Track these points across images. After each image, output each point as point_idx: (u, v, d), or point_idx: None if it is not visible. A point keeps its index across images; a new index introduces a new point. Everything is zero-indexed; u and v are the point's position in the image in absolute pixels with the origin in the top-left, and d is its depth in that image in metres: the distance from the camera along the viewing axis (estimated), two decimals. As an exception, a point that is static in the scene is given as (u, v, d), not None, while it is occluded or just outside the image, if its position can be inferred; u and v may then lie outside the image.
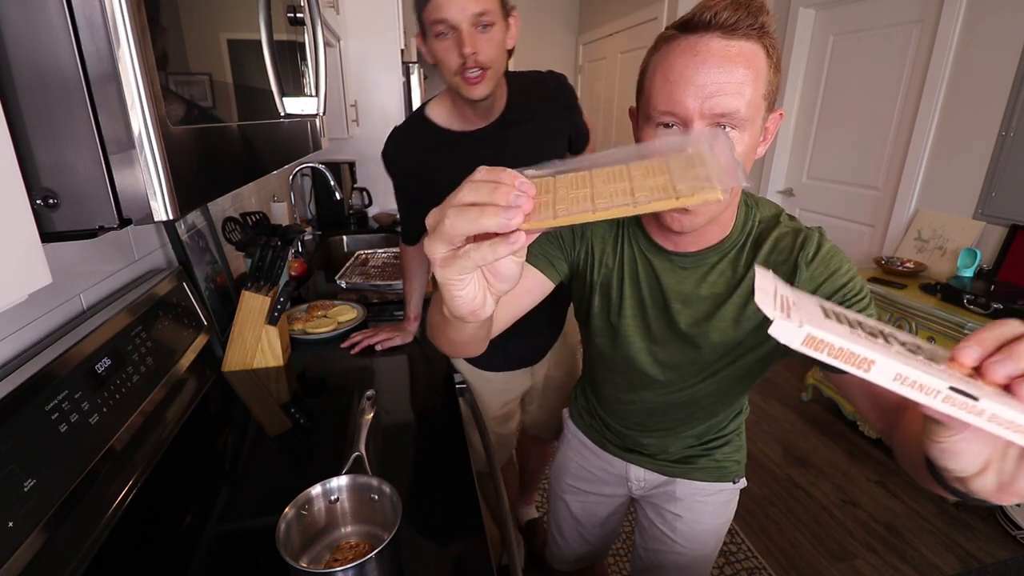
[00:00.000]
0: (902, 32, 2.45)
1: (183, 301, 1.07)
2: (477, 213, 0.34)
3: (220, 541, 0.73)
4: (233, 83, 0.55)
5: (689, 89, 0.57)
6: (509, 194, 0.34)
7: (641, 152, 0.38)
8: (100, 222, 0.38)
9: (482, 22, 0.94)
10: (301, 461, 0.91)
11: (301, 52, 0.80)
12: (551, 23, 4.76)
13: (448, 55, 0.97)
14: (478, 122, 1.11)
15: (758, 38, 0.57)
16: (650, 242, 0.75)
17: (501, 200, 0.34)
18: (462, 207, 0.34)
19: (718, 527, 0.98)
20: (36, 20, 0.33)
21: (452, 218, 0.35)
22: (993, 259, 2.10)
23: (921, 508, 1.97)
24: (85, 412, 0.71)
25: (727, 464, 0.93)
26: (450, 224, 0.35)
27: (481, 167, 0.36)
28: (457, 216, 0.34)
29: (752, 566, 1.72)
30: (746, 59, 0.56)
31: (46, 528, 0.60)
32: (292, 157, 0.75)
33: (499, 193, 0.34)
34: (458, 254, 0.36)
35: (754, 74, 0.57)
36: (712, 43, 0.56)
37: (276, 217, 2.08)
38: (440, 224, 0.35)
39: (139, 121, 0.36)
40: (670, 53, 0.59)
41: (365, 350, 1.28)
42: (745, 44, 0.56)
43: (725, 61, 0.56)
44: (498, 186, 0.34)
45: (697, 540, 0.97)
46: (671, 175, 0.35)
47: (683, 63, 0.57)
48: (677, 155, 0.37)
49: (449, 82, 1.03)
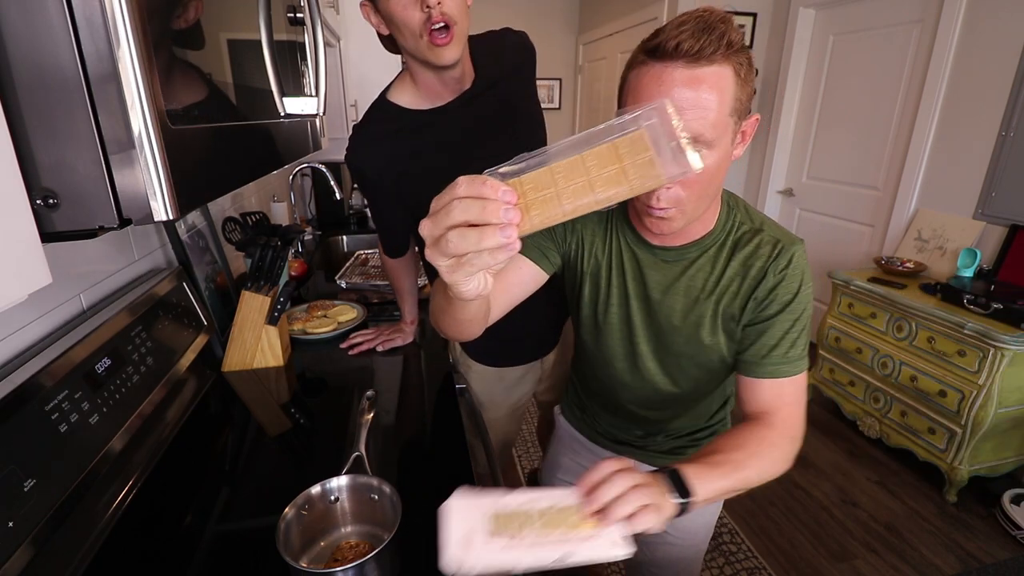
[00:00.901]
0: (902, 32, 2.45)
1: (183, 301, 1.07)
2: (478, 236, 0.39)
3: (220, 541, 0.73)
4: (233, 83, 0.55)
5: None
6: (499, 210, 0.38)
7: (591, 137, 0.40)
8: (100, 222, 0.38)
9: None
10: (301, 461, 0.91)
11: (301, 52, 0.80)
12: (551, 23, 4.76)
13: (408, 12, 0.86)
14: (447, 95, 1.01)
15: (724, 59, 0.58)
16: (636, 235, 0.78)
17: (493, 218, 0.38)
18: (462, 230, 0.39)
19: (708, 517, 1.00)
20: (36, 20, 0.33)
21: (456, 240, 0.39)
22: (993, 259, 2.10)
23: (921, 508, 1.97)
24: (85, 412, 0.71)
25: None
26: (454, 245, 0.40)
27: (461, 179, 0.40)
28: (460, 239, 0.39)
29: (752, 566, 1.72)
30: (710, 84, 0.58)
31: (46, 528, 0.60)
32: (292, 157, 0.74)
33: (490, 211, 0.38)
34: (462, 262, 0.41)
35: (719, 96, 0.58)
36: (676, 73, 0.58)
37: (276, 217, 2.08)
38: (443, 242, 0.40)
39: (139, 121, 0.36)
40: (640, 78, 0.61)
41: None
42: (710, 69, 0.58)
43: (691, 85, 0.58)
44: (486, 202, 0.38)
45: (688, 531, 0.99)
46: (621, 163, 0.37)
47: (651, 91, 0.59)
48: (625, 138, 0.38)
49: (412, 49, 0.92)
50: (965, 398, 1.85)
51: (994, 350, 1.76)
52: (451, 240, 0.39)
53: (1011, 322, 1.77)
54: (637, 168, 0.37)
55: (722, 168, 0.65)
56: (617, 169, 0.37)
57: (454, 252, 0.40)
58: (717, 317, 0.76)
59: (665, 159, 0.37)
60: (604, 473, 0.53)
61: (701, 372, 0.82)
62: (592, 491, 0.53)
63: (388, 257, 1.25)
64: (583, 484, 0.54)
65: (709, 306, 0.76)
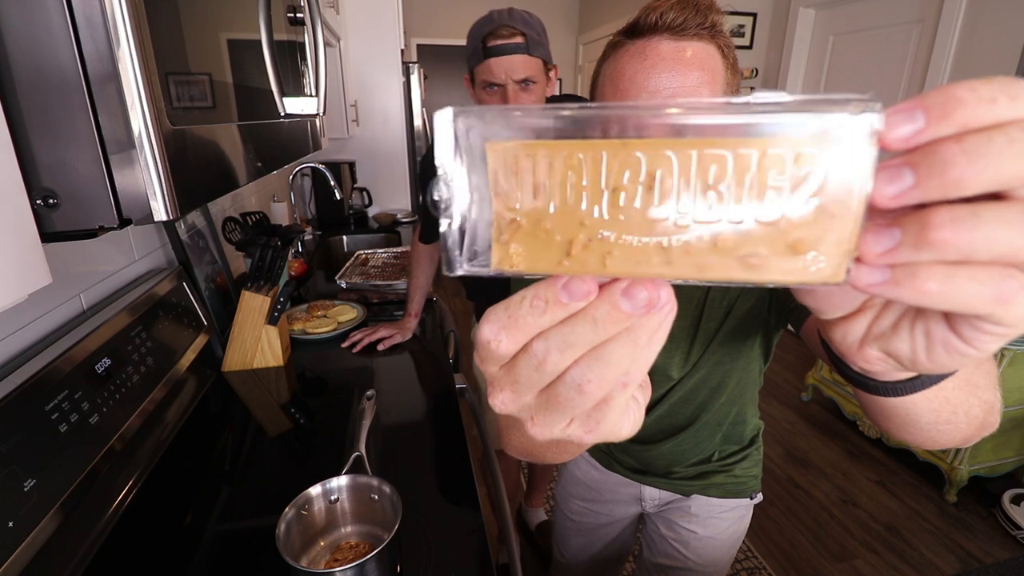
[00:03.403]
0: (902, 32, 2.45)
1: (183, 301, 1.07)
2: (613, 362, 0.19)
3: (220, 541, 0.73)
4: (233, 83, 0.55)
5: (640, 96, 0.53)
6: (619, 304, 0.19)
7: (702, 127, 0.17)
8: (100, 222, 0.38)
9: (526, 82, 1.07)
10: (301, 461, 0.91)
11: (301, 52, 0.80)
12: (551, 23, 4.76)
13: (491, 101, 1.09)
14: None
15: (711, 38, 0.53)
16: None
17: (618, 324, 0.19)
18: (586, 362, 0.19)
19: (732, 542, 0.94)
20: (36, 20, 0.33)
21: (576, 386, 0.19)
22: (993, 259, 2.10)
23: (921, 508, 1.97)
24: (85, 412, 0.71)
25: (745, 479, 0.90)
26: (582, 394, 0.19)
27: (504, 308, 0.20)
28: (594, 374, 0.19)
29: (752, 566, 1.72)
30: (700, 61, 0.52)
31: (46, 528, 0.60)
32: (292, 157, 0.75)
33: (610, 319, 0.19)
34: (550, 401, 0.20)
35: (710, 75, 0.53)
36: (661, 45, 0.52)
37: (276, 217, 2.08)
38: (554, 400, 0.20)
39: (139, 121, 0.36)
40: (619, 59, 0.55)
41: (366, 349, 1.28)
42: (697, 45, 0.53)
43: (677, 64, 0.52)
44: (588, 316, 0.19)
45: (711, 557, 0.93)
46: (760, 203, 0.17)
47: (633, 69, 0.53)
48: (768, 148, 0.16)
49: None
50: (965, 398, 1.85)
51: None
52: (567, 391, 0.19)
53: (1011, 322, 1.77)
54: (797, 224, 0.16)
55: None
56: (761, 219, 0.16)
57: (582, 407, 0.20)
58: (736, 332, 0.69)
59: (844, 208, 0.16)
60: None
61: (723, 358, 0.76)
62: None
63: (422, 243, 1.37)
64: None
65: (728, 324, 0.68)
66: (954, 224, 0.15)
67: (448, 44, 4.68)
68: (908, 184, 0.16)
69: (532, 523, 1.84)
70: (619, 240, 0.18)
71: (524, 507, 1.89)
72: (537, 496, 1.86)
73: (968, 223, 0.15)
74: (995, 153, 0.14)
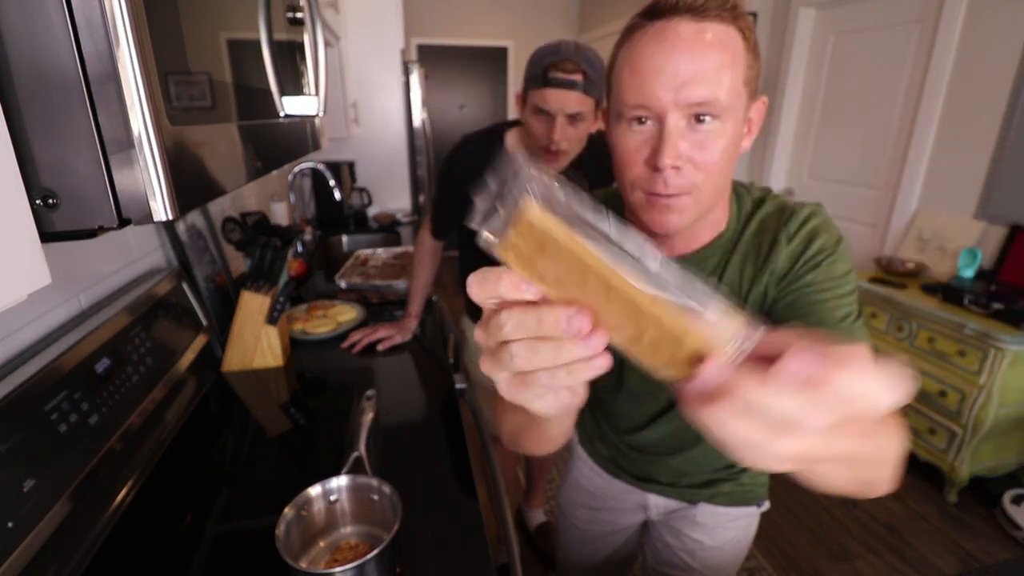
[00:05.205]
0: (902, 32, 2.45)
1: (182, 301, 1.07)
2: (553, 352, 0.27)
3: (220, 541, 0.73)
4: (233, 83, 0.55)
5: (660, 79, 0.52)
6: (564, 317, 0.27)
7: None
8: (100, 222, 0.38)
9: (575, 117, 1.08)
10: (301, 461, 0.91)
11: (301, 52, 0.80)
12: (551, 23, 4.76)
13: (539, 131, 1.12)
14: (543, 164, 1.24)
15: (732, 19, 0.52)
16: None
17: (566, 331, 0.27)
18: (530, 342, 0.28)
19: (739, 552, 0.93)
20: (36, 20, 0.33)
21: (524, 355, 0.28)
22: (994, 259, 2.10)
23: (921, 508, 1.97)
24: (85, 412, 0.71)
25: (753, 487, 0.87)
26: (522, 360, 0.28)
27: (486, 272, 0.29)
28: (529, 353, 0.28)
29: (752, 566, 1.72)
30: (721, 43, 0.51)
31: (45, 528, 0.60)
32: (292, 157, 0.75)
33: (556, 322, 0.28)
34: (526, 381, 0.29)
35: (731, 58, 0.52)
36: (682, 27, 0.51)
37: (276, 217, 2.08)
38: (506, 358, 0.29)
39: (139, 121, 0.36)
40: (637, 42, 0.54)
41: (366, 349, 1.28)
42: (719, 27, 0.52)
43: (697, 45, 0.51)
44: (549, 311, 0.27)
45: (716, 565, 0.91)
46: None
47: (651, 50, 0.52)
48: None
49: (529, 145, 1.17)
50: (966, 398, 1.85)
51: (995, 350, 1.76)
52: (518, 355, 0.28)
53: (1012, 322, 1.77)
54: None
55: (736, 149, 0.57)
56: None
57: (520, 368, 0.28)
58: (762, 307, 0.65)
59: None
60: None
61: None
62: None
63: (431, 238, 1.37)
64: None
65: (752, 303, 0.65)
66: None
67: (448, 44, 4.68)
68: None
69: (531, 524, 1.84)
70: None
71: (523, 508, 1.89)
72: (536, 497, 1.86)
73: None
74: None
